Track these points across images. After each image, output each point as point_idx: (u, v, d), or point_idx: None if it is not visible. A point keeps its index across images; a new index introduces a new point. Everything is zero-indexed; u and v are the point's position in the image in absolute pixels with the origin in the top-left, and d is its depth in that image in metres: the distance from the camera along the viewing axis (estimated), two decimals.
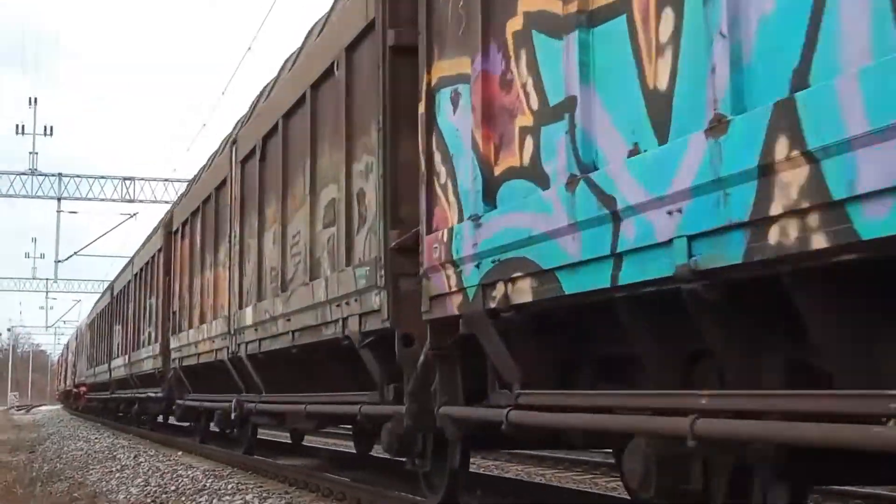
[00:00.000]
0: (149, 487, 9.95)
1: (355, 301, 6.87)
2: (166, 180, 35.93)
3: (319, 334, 7.76)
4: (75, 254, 44.06)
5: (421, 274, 5.81)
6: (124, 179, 35.79)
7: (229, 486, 9.25)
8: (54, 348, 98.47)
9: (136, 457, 14.15)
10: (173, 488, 9.61)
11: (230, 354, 10.92)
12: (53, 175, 35.34)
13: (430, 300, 5.69)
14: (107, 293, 29.76)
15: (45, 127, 39.32)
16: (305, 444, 14.61)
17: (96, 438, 20.58)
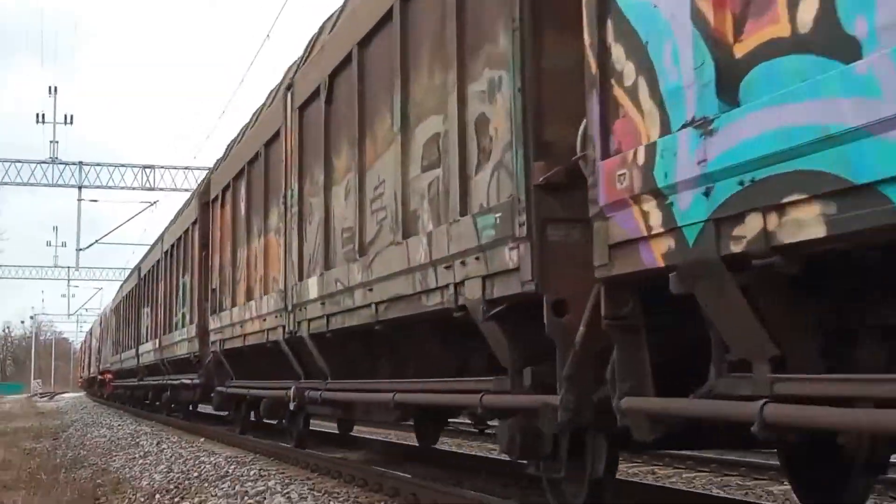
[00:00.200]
0: (172, 474, 9.93)
1: (476, 260, 5.28)
2: (186, 168, 35.68)
3: (417, 306, 6.19)
4: (96, 242, 44.34)
5: (592, 216, 4.21)
6: (144, 168, 35.57)
7: (252, 473, 9.22)
8: (76, 336, 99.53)
9: (158, 443, 14.16)
10: (196, 475, 9.56)
11: (287, 334, 9.37)
12: (74, 163, 35.07)
13: (610, 249, 4.09)
14: (133, 275, 28.14)
15: (65, 115, 38.97)
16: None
17: (119, 425, 20.63)
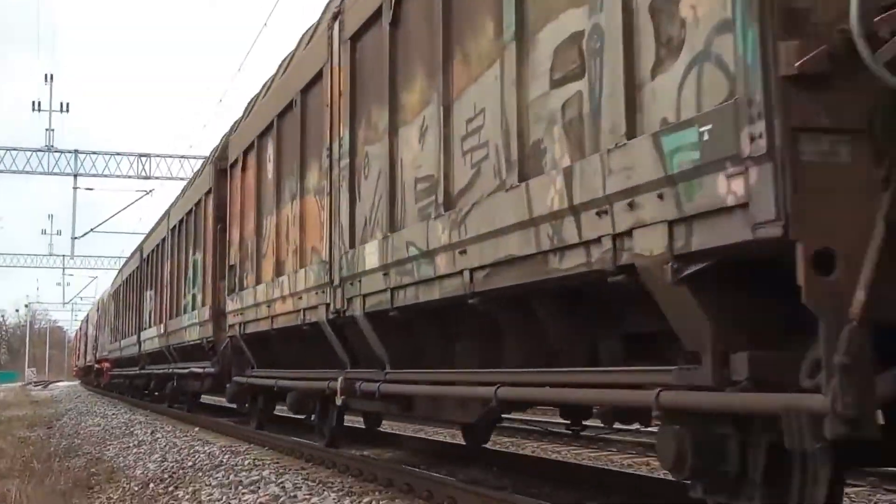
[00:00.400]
0: (166, 463, 9.85)
1: (658, 198, 3.65)
2: (182, 157, 35.54)
3: (540, 270, 4.57)
4: (91, 230, 44.20)
5: None
6: (140, 156, 35.39)
7: (246, 462, 9.12)
8: (71, 324, 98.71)
9: (153, 433, 14.03)
10: (190, 464, 9.45)
11: (331, 314, 7.76)
12: (70, 152, 34.94)
13: None
14: (135, 256, 26.00)
15: (61, 104, 38.78)
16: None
17: (113, 414, 20.42)
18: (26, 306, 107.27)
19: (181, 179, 32.84)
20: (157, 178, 35.59)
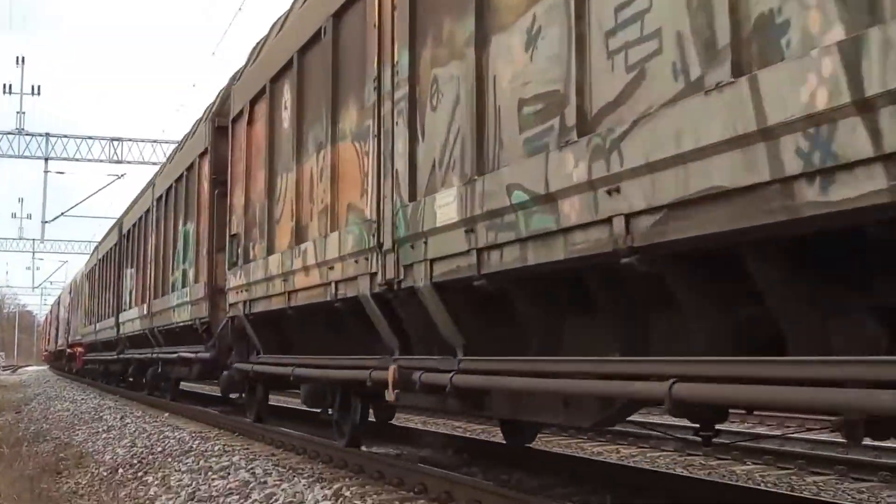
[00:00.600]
0: (135, 448, 9.77)
1: None
2: (154, 141, 35.37)
3: (782, 206, 2.99)
4: (62, 214, 43.82)
5: None
6: (112, 140, 34.91)
7: (216, 448, 9.08)
8: (41, 309, 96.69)
9: (122, 418, 13.87)
10: (160, 449, 9.39)
11: (379, 286, 6.15)
12: (41, 135, 34.44)
13: None
14: (112, 233, 24.07)
15: (32, 87, 38.50)
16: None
17: (82, 399, 20.14)
18: None
19: (153, 164, 32.47)
20: (128, 163, 35.11)
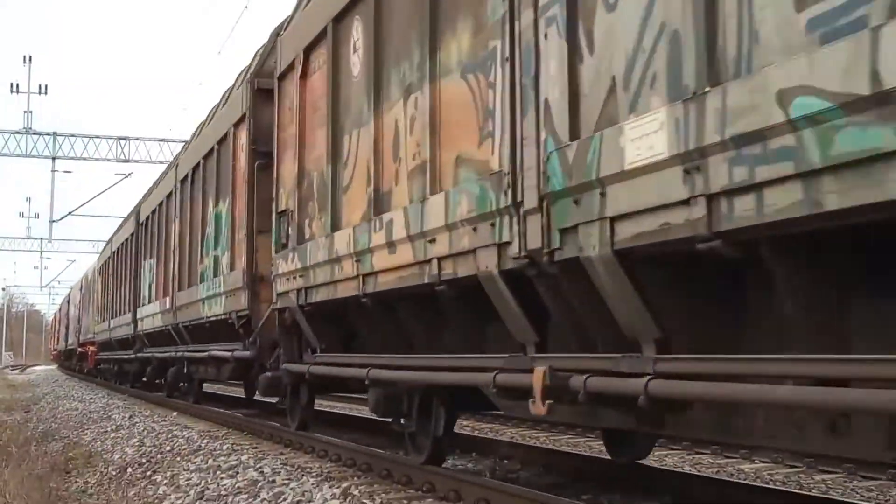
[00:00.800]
0: (144, 448, 9.75)
1: None
2: (162, 140, 35.39)
3: None
4: (70, 214, 44.06)
5: None
6: (119, 139, 34.94)
7: (224, 447, 9.03)
8: (48, 308, 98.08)
9: (131, 417, 13.81)
10: (168, 448, 9.36)
11: (514, 260, 4.76)
12: (48, 134, 34.41)
13: None
14: (128, 223, 22.15)
15: (39, 86, 38.55)
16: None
17: (91, 398, 20.06)
18: (3, 290, 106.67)
19: (161, 163, 32.43)
20: (136, 162, 35.17)
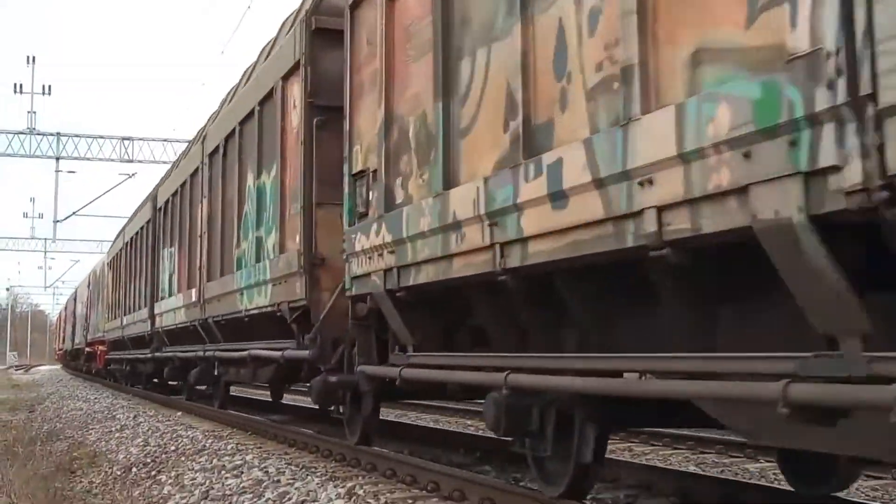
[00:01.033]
0: (148, 447, 9.74)
1: None
2: (165, 140, 35.53)
3: None
4: (74, 214, 44.44)
5: None
6: (123, 139, 35.10)
7: (229, 447, 9.02)
8: (53, 308, 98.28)
9: (135, 417, 13.84)
10: (173, 448, 9.36)
11: (850, 195, 2.60)
12: (52, 134, 34.58)
13: None
14: (144, 209, 19.75)
15: (43, 86, 38.66)
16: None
17: (95, 398, 20.05)
18: (7, 290, 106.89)
19: (164, 163, 32.41)
20: (140, 162, 35.33)
